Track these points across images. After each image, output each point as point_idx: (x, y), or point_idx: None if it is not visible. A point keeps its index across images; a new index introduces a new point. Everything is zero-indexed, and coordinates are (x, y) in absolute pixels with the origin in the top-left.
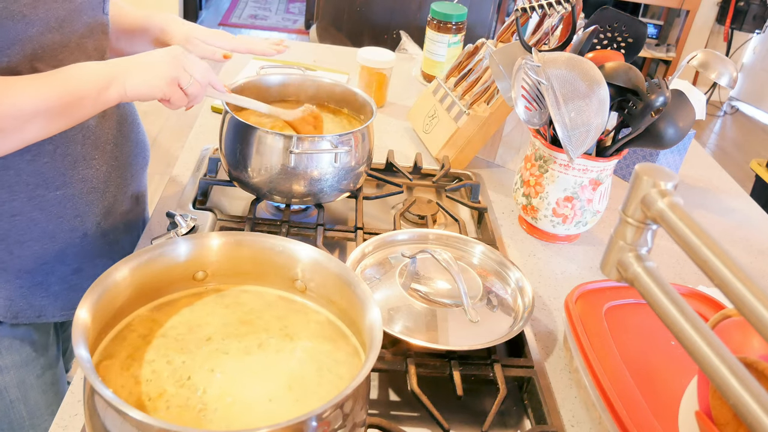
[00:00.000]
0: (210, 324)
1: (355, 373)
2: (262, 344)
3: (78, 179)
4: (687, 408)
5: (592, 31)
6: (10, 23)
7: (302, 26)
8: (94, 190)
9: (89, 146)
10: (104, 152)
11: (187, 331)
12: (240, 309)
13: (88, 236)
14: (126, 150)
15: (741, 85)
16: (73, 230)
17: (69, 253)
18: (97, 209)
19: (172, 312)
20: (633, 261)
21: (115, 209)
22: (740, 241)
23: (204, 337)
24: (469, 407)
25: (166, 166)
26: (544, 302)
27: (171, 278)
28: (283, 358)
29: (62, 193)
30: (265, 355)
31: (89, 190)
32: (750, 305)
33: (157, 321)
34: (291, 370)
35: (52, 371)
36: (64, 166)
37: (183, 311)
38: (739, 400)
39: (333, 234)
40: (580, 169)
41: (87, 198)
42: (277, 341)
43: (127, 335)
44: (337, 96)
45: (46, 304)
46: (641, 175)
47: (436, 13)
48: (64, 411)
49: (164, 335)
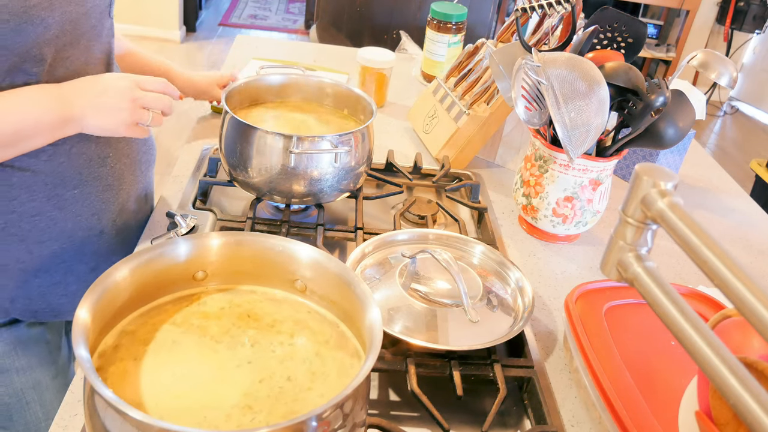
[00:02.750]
0: (210, 324)
1: (355, 373)
2: (262, 344)
3: (94, 177)
4: (687, 408)
5: (592, 31)
6: (29, 27)
7: (302, 26)
8: (110, 188)
9: (103, 145)
10: (117, 150)
11: (187, 331)
12: (240, 309)
13: (105, 234)
14: (135, 147)
15: (741, 85)
16: (91, 228)
17: (87, 251)
18: (112, 207)
19: (172, 312)
20: (633, 261)
21: (127, 207)
22: (740, 241)
23: (204, 337)
24: (469, 407)
25: (166, 166)
26: (544, 302)
27: (171, 278)
28: (283, 358)
29: (79, 192)
30: (265, 355)
31: (104, 188)
32: (750, 305)
33: (157, 321)
34: (291, 369)
35: (65, 373)
36: (80, 164)
37: (183, 311)
38: (739, 400)
39: (333, 234)
40: (580, 169)
41: (103, 196)
42: (276, 341)
43: (127, 335)
44: (337, 96)
45: (64, 302)
46: (641, 175)
47: (436, 13)
48: (64, 411)
49: (164, 335)
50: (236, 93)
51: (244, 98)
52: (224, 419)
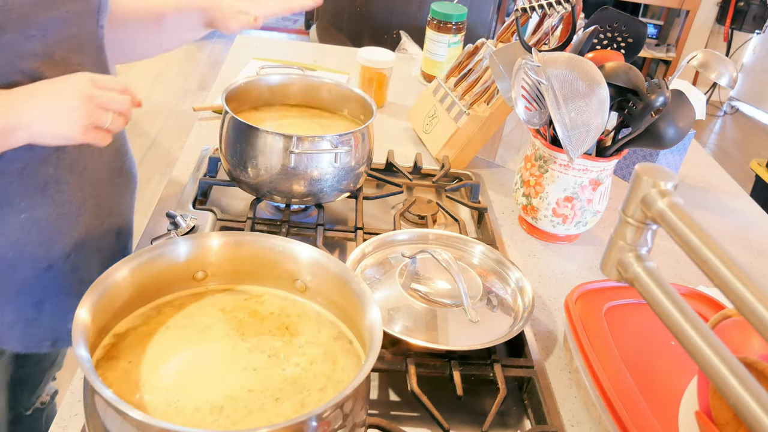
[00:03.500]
0: (210, 324)
1: (355, 373)
2: (262, 344)
3: (47, 203)
4: (687, 408)
5: (592, 31)
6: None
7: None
8: (65, 216)
9: (63, 169)
10: (81, 177)
11: (187, 330)
12: (240, 309)
13: (54, 269)
14: (106, 178)
15: (741, 85)
16: (37, 260)
17: (31, 284)
18: (66, 239)
19: (172, 312)
20: (633, 261)
21: (89, 243)
22: (740, 241)
23: (204, 337)
24: (469, 407)
25: (166, 166)
26: (544, 302)
27: (171, 278)
28: (282, 358)
29: (27, 217)
30: (264, 355)
31: (59, 215)
32: (750, 305)
33: (157, 321)
34: (290, 369)
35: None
36: (32, 186)
37: (183, 311)
38: (739, 400)
39: (333, 234)
40: (580, 169)
41: (55, 224)
42: (276, 341)
43: (127, 335)
44: (337, 96)
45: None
46: (641, 175)
47: (436, 13)
48: (64, 411)
49: (164, 335)
50: (236, 93)
51: (244, 98)
52: (224, 418)
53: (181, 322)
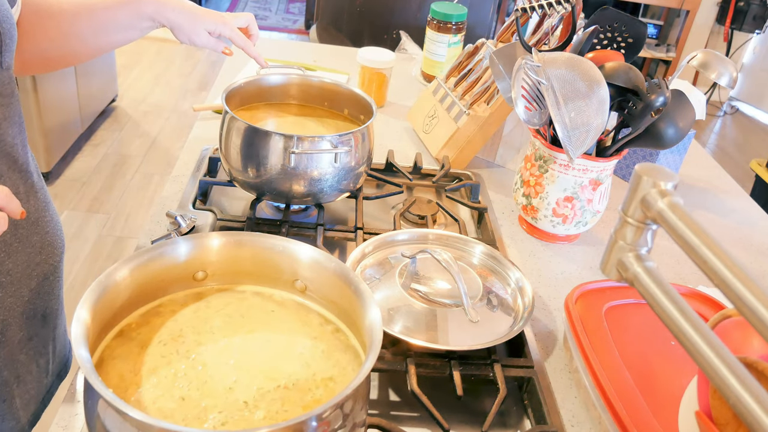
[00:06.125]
0: (210, 324)
1: (355, 373)
2: (262, 344)
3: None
4: (687, 408)
5: (592, 31)
6: None
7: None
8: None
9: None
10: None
11: (187, 331)
12: (240, 309)
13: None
14: (23, 258)
15: (741, 85)
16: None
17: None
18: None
19: (172, 312)
20: (633, 261)
21: (7, 338)
22: (740, 241)
23: (203, 337)
24: (469, 407)
25: (166, 166)
26: (544, 302)
27: (171, 278)
28: (282, 358)
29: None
30: (264, 355)
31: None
32: (750, 305)
33: (157, 321)
34: (290, 369)
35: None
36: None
37: (183, 311)
38: (739, 400)
39: (333, 234)
40: (580, 169)
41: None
42: (276, 341)
43: (128, 335)
44: (337, 96)
45: None
46: (641, 175)
47: (436, 13)
48: (64, 411)
49: (164, 335)
50: (236, 93)
51: (244, 98)
52: (223, 418)
53: (181, 322)
